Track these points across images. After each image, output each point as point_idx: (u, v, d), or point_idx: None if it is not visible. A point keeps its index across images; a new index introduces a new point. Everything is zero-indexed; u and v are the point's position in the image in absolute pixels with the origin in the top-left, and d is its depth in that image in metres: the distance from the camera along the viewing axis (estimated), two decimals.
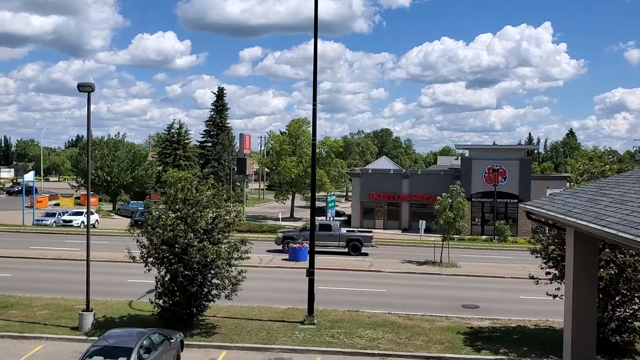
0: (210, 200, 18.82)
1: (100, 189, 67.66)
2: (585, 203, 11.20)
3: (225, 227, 18.87)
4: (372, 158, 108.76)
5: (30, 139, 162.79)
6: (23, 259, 32.30)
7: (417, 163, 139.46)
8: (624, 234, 8.38)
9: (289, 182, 63.62)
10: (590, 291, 11.61)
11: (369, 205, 57.86)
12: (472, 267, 33.24)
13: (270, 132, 72.96)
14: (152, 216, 18.86)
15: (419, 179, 57.52)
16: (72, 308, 21.12)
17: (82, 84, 19.41)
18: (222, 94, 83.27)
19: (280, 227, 49.87)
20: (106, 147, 67.74)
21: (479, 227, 53.13)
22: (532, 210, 12.84)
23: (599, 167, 19.47)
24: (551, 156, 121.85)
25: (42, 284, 25.77)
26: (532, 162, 64.00)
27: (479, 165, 52.89)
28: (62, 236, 42.74)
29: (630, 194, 10.53)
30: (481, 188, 52.55)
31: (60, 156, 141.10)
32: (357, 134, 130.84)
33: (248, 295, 21.30)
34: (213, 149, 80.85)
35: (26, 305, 21.73)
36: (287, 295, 24.35)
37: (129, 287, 25.05)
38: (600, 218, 9.65)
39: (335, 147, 66.78)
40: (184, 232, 17.77)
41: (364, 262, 33.71)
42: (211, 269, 18.38)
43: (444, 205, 33.30)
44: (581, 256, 11.44)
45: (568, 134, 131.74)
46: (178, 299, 18.56)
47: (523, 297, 25.24)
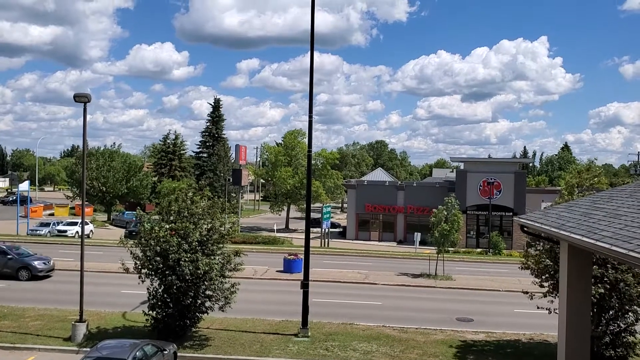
0: (206, 212, 18.79)
1: (95, 199, 67.51)
2: (579, 217, 11.24)
3: (219, 239, 18.83)
4: (368, 170, 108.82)
5: (25, 149, 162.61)
6: None
7: (412, 175, 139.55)
8: (617, 248, 8.41)
9: (284, 193, 63.64)
10: (584, 305, 11.62)
11: (364, 217, 57.92)
12: (467, 280, 33.20)
13: (264, 143, 73.14)
14: (144, 228, 18.79)
15: (414, 191, 57.64)
16: (66, 319, 20.98)
17: (78, 94, 19.44)
18: (219, 105, 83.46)
19: (275, 239, 49.82)
20: (102, 158, 67.71)
21: (473, 240, 53.19)
22: (526, 224, 12.87)
23: (588, 180, 19.55)
24: (546, 170, 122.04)
25: (35, 295, 25.62)
26: (527, 175, 64.16)
27: (474, 178, 53.02)
28: (56, 246, 42.51)
29: (623, 208, 10.57)
30: (476, 201, 52.64)
31: (56, 166, 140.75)
32: (353, 145, 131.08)
33: (242, 307, 21.22)
34: (209, 159, 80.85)
35: (19, 316, 21.58)
36: (281, 307, 24.26)
37: (122, 298, 24.91)
38: (594, 232, 9.69)
39: (330, 159, 66.90)
40: (177, 245, 17.71)
41: (359, 275, 33.63)
42: (204, 281, 18.31)
43: (440, 218, 33.34)
44: (575, 270, 11.46)
45: (563, 147, 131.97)
46: (171, 310, 18.47)
47: (517, 311, 25.19)
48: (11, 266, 29.00)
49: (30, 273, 28.97)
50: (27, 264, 29.16)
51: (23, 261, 29.18)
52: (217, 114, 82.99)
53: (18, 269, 28.94)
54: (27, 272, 28.91)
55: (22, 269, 28.89)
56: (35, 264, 29.35)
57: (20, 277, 28.74)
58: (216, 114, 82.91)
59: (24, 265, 29.01)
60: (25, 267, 28.97)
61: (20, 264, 29.08)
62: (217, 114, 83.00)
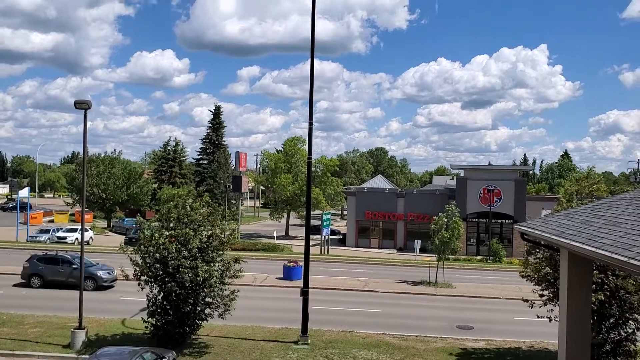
0: (206, 219, 18.77)
1: (95, 206, 67.48)
2: (579, 224, 11.23)
3: (219, 246, 18.81)
4: (368, 177, 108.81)
5: (26, 155, 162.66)
6: (16, 275, 32.03)
7: (412, 182, 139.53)
8: (617, 255, 8.40)
9: (284, 200, 63.61)
10: (584, 313, 11.59)
11: (364, 224, 57.86)
12: (467, 287, 33.13)
13: (264, 150, 73.13)
14: (144, 235, 18.78)
15: (415, 198, 57.60)
16: (65, 326, 20.94)
17: (79, 101, 19.47)
18: (219, 112, 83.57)
19: (275, 246, 49.75)
20: (102, 164, 67.71)
21: (474, 247, 53.12)
22: (526, 231, 12.86)
23: (587, 187, 19.52)
24: (546, 177, 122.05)
25: (34, 302, 25.58)
26: (527, 183, 64.15)
27: (474, 185, 53.01)
28: None
29: (624, 215, 10.57)
30: (476, 208, 52.61)
31: (56, 173, 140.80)
32: (353, 152, 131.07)
33: (242, 315, 21.18)
34: (209, 166, 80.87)
35: (18, 323, 21.54)
36: (281, 314, 24.21)
37: (122, 305, 24.87)
38: (594, 239, 9.67)
39: (330, 166, 66.90)
40: (177, 252, 17.68)
41: (359, 282, 33.58)
42: (204, 288, 18.28)
43: (440, 225, 33.31)
44: (575, 277, 11.44)
45: (563, 155, 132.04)
46: (171, 317, 18.42)
47: (518, 319, 25.13)
48: (76, 276, 27.59)
49: (96, 283, 28.57)
50: (92, 273, 28.61)
51: (88, 271, 28.14)
52: (218, 121, 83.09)
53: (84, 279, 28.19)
54: (93, 282, 28.42)
55: (87, 278, 27.71)
56: (100, 273, 28.94)
57: (85, 287, 28.04)
58: (216, 121, 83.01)
59: (89, 275, 28.16)
60: (90, 277, 28.31)
61: (86, 274, 27.83)
62: (218, 121, 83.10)
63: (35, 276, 29.07)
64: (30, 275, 29.13)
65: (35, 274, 29.08)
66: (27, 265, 29.50)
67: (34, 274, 29.11)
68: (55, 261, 29.45)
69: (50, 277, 28.92)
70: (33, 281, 29.03)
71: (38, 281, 29.03)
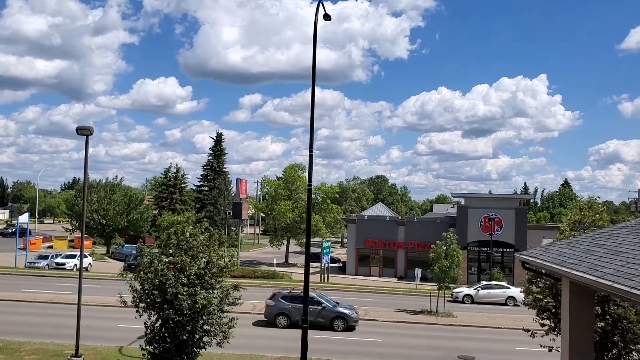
0: (204, 245, 18.68)
1: (95, 232, 67.35)
2: (580, 253, 11.18)
3: (218, 272, 18.69)
4: (368, 204, 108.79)
5: (26, 181, 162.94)
6: (13, 301, 31.87)
7: (413, 210, 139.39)
8: (619, 285, 8.34)
9: (284, 227, 63.49)
10: (586, 343, 11.46)
11: (364, 252, 57.63)
12: (468, 317, 32.86)
13: (264, 177, 73.26)
14: (144, 261, 18.69)
15: (415, 226, 57.48)
16: (61, 353, 20.71)
17: (81, 127, 19.56)
18: (221, 139, 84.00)
19: (275, 273, 49.43)
20: (102, 190, 67.77)
21: (475, 276, 52.82)
22: (527, 260, 12.79)
23: (590, 217, 19.49)
24: (547, 206, 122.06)
25: (31, 328, 25.35)
26: (528, 211, 64.09)
27: (475, 213, 52.96)
28: (54, 279, 42.29)
29: (625, 245, 10.52)
30: (477, 237, 52.48)
31: (56, 198, 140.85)
32: (353, 180, 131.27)
33: (240, 343, 20.96)
34: (209, 193, 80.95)
35: (14, 350, 21.30)
36: (280, 343, 23.98)
37: (120, 332, 24.65)
38: (596, 269, 9.62)
39: (331, 193, 66.93)
40: (175, 279, 17.57)
41: (359, 311, 33.26)
42: (203, 315, 18.11)
43: (439, 253, 33.18)
44: (577, 307, 11.34)
45: (563, 184, 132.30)
46: (168, 345, 18.21)
47: (519, 349, 24.86)
48: (326, 316, 27.55)
49: (346, 323, 27.55)
50: (342, 313, 27.72)
51: (337, 310, 27.78)
52: (219, 148, 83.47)
53: (333, 319, 27.54)
54: (343, 322, 27.51)
55: (338, 318, 27.48)
56: (348, 312, 27.95)
57: (335, 328, 27.39)
58: (218, 147, 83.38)
59: (339, 314, 27.59)
60: (340, 317, 27.54)
61: (335, 314, 27.66)
62: (219, 147, 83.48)
63: (282, 315, 27.82)
64: (277, 314, 27.90)
65: (282, 314, 27.83)
66: (272, 303, 28.21)
67: (280, 313, 27.87)
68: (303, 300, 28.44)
69: (298, 316, 26.90)
70: (279, 321, 27.76)
71: (285, 321, 27.72)
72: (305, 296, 18.30)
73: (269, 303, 28.34)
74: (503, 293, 39.67)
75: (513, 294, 39.62)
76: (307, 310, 19.41)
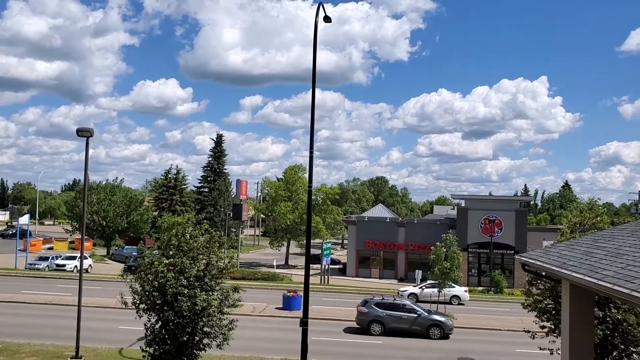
0: (204, 246, 18.68)
1: (95, 234, 67.33)
2: (580, 255, 11.17)
3: (218, 274, 18.69)
4: (368, 206, 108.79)
5: (27, 182, 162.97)
6: (14, 303, 31.87)
7: (413, 212, 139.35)
8: (619, 287, 8.33)
9: (284, 229, 63.46)
10: (586, 346, 11.46)
11: (364, 254, 57.58)
12: (468, 319, 32.83)
13: (265, 178, 73.18)
14: (144, 262, 18.69)
15: (415, 228, 57.45)
16: (62, 355, 20.70)
17: (81, 129, 19.58)
18: (221, 140, 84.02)
19: (275, 275, 49.35)
20: (103, 192, 67.75)
21: (475, 277, 52.82)
22: (527, 262, 12.79)
23: (590, 219, 19.49)
24: (547, 208, 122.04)
25: (32, 330, 25.34)
26: (528, 213, 64.07)
27: (475, 215, 52.94)
28: (54, 280, 42.28)
29: (625, 247, 10.52)
30: (477, 238, 52.45)
31: (56, 200, 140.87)
32: (354, 181, 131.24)
33: (240, 345, 20.94)
34: (209, 194, 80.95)
35: (14, 351, 21.29)
36: (280, 345, 23.97)
37: (120, 334, 24.64)
38: (596, 271, 9.61)
39: (331, 194, 66.90)
40: (175, 280, 17.57)
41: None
42: (202, 317, 18.10)
43: (439, 255, 33.16)
44: (577, 309, 11.34)
45: (564, 186, 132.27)
46: (168, 347, 18.20)
47: (519, 351, 24.86)
48: (421, 324, 27.42)
49: (443, 331, 27.33)
50: (438, 321, 27.63)
51: (433, 318, 27.74)
52: (219, 149, 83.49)
53: (429, 327, 27.42)
54: (440, 330, 27.35)
55: (434, 326, 27.39)
56: (444, 320, 27.76)
57: (431, 336, 27.22)
58: (218, 149, 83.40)
59: (435, 322, 27.52)
60: (437, 325, 27.44)
61: (431, 322, 27.55)
62: (219, 149, 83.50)
63: (376, 323, 27.53)
64: (370, 321, 27.63)
65: (376, 321, 27.55)
66: (364, 310, 27.98)
67: (374, 320, 27.60)
68: (397, 307, 27.99)
69: (392, 324, 27.39)
70: (373, 328, 27.49)
71: (379, 328, 27.46)
72: (306, 296, 18.30)
73: (361, 310, 28.13)
74: (448, 292, 39.93)
75: (457, 292, 40.11)
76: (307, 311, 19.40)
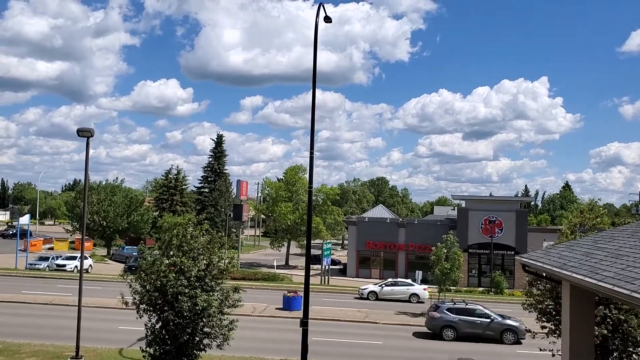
0: (205, 247, 18.69)
1: (95, 234, 67.34)
2: (580, 256, 11.17)
3: (218, 274, 18.69)
4: (369, 206, 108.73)
5: (27, 182, 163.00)
6: (14, 303, 31.89)
7: (413, 212, 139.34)
8: (619, 288, 8.32)
9: (285, 229, 63.47)
10: (587, 346, 11.45)
11: (365, 254, 57.54)
12: None
13: (265, 178, 73.21)
14: (146, 261, 18.70)
15: (416, 228, 57.41)
16: (62, 355, 20.70)
17: (82, 129, 19.58)
18: (221, 140, 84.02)
19: (275, 275, 49.35)
20: (103, 192, 67.76)
21: (475, 278, 52.78)
22: (528, 263, 12.78)
23: (591, 220, 19.47)
24: (548, 209, 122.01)
25: (32, 330, 25.34)
26: (528, 214, 64.04)
27: (475, 216, 52.92)
28: (54, 281, 42.29)
29: (625, 248, 10.51)
30: (478, 239, 52.42)
31: (57, 200, 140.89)
32: (354, 181, 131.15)
33: (240, 345, 20.95)
34: (210, 194, 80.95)
35: (14, 352, 21.30)
36: (280, 345, 23.97)
37: (120, 334, 24.64)
38: (596, 272, 9.61)
39: (331, 195, 66.90)
40: (175, 280, 17.58)
41: (360, 313, 33.29)
42: (203, 318, 18.10)
43: (439, 256, 33.16)
44: (577, 310, 11.33)
45: (564, 186, 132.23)
46: (169, 347, 18.20)
47: (520, 351, 24.85)
48: (495, 329, 27.32)
49: (517, 336, 26.99)
50: (512, 326, 27.32)
51: (507, 323, 27.49)
52: (220, 150, 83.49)
53: (502, 332, 27.29)
54: (514, 335, 27.11)
55: (507, 331, 27.24)
56: (518, 325, 27.24)
57: (505, 341, 27.06)
58: (219, 149, 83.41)
59: (509, 327, 27.29)
60: (511, 330, 27.21)
61: (506, 326, 27.37)
62: (220, 149, 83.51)
63: (449, 328, 27.45)
64: (443, 327, 27.54)
65: (449, 326, 27.46)
66: (437, 315, 27.93)
67: (446, 325, 27.51)
68: (470, 312, 27.98)
69: (466, 329, 27.34)
70: (446, 333, 27.39)
71: (451, 333, 27.34)
72: (306, 297, 18.33)
73: (433, 315, 28.06)
74: (407, 290, 40.23)
75: (416, 291, 40.30)
76: (308, 311, 19.41)
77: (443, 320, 27.66)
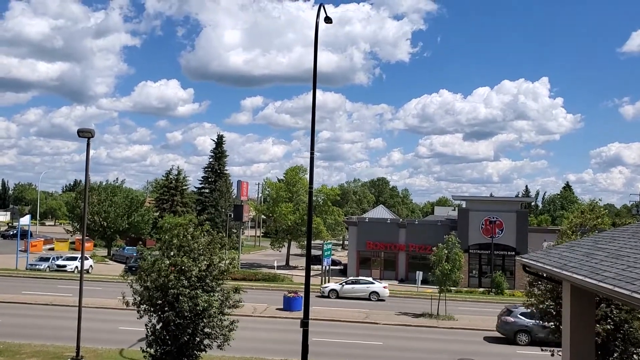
0: (205, 247, 18.69)
1: (96, 234, 67.34)
2: (581, 257, 11.17)
3: (219, 275, 18.69)
4: (369, 207, 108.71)
5: (28, 183, 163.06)
6: (15, 304, 31.90)
7: (414, 213, 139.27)
8: (620, 289, 8.32)
9: (285, 230, 63.49)
10: (587, 346, 11.45)
11: (365, 255, 57.53)
12: (469, 320, 32.82)
13: (266, 179, 73.24)
14: (146, 261, 18.70)
15: (416, 229, 57.40)
16: (62, 355, 20.72)
17: (82, 130, 19.58)
18: (222, 141, 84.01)
19: (275, 276, 49.33)
20: (104, 192, 67.77)
21: (476, 279, 52.76)
22: (528, 263, 12.78)
23: (591, 220, 19.47)
24: (548, 209, 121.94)
25: (32, 330, 25.35)
26: (529, 214, 64.04)
27: (476, 216, 52.91)
28: (55, 281, 42.30)
29: (626, 248, 10.51)
30: (478, 240, 52.41)
31: (57, 200, 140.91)
32: (354, 182, 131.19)
33: (241, 346, 20.95)
34: (210, 195, 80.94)
35: (15, 352, 21.31)
36: (281, 346, 23.97)
37: (120, 334, 24.65)
38: (597, 272, 9.61)
39: (332, 195, 66.91)
40: (176, 280, 17.58)
41: (360, 314, 33.29)
42: (203, 318, 18.11)
43: (440, 256, 33.14)
44: (578, 311, 11.33)
45: (565, 187, 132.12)
46: (169, 348, 18.20)
47: (520, 352, 24.85)
48: None
49: None
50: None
51: None
52: (220, 150, 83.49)
53: None
54: (527, 336, 27.02)
55: None
56: None
57: None
58: (219, 150, 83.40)
59: None
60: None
61: None
62: (220, 150, 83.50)
63: (523, 332, 27.12)
64: (517, 331, 27.25)
65: (523, 331, 27.11)
66: (510, 320, 27.55)
67: (521, 330, 27.16)
68: None
69: (540, 334, 25.34)
70: (520, 338, 27.11)
71: (526, 338, 26.97)
72: (306, 297, 18.34)
73: (507, 320, 27.72)
74: (367, 288, 40.48)
75: (376, 289, 40.73)
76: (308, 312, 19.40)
77: (517, 325, 27.23)
